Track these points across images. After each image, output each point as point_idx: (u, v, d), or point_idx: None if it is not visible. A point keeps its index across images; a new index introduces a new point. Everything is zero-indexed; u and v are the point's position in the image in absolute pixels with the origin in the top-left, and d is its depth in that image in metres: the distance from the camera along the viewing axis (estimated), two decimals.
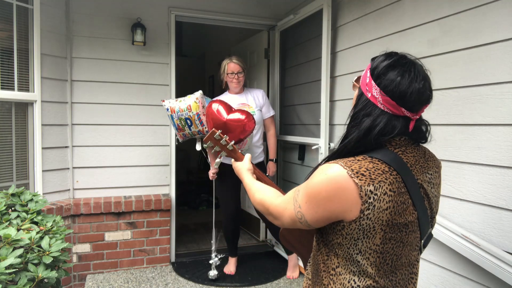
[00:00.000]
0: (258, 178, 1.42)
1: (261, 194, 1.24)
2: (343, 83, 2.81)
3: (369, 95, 1.01)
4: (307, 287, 1.15)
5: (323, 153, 2.89)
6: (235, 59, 3.10)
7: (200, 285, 3.05)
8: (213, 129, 1.50)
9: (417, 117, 1.02)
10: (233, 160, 1.51)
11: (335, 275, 1.02)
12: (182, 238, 4.03)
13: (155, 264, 3.38)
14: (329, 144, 2.89)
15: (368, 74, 1.03)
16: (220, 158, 2.95)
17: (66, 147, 3.17)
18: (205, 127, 2.90)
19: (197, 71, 7.23)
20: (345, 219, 0.95)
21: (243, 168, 1.44)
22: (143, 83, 3.36)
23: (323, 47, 2.85)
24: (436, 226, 1.89)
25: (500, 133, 1.68)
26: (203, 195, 5.62)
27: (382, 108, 0.99)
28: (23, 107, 2.88)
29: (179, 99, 2.96)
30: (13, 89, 2.77)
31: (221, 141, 1.50)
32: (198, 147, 3.10)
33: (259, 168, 3.11)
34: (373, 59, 1.06)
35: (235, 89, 3.14)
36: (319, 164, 1.06)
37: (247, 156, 1.49)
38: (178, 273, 3.25)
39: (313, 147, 3.01)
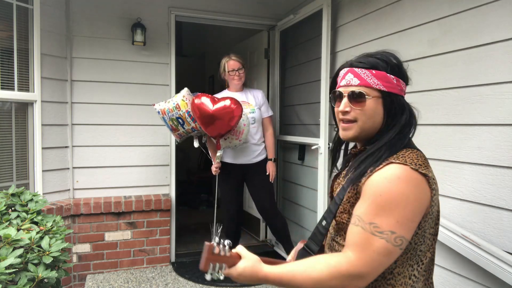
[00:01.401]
0: (269, 264, 1.03)
1: (320, 267, 0.92)
2: None
3: (402, 92, 1.07)
4: None
5: (323, 153, 2.88)
6: (234, 56, 3.11)
7: (200, 285, 3.05)
8: (206, 243, 0.99)
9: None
10: (229, 269, 1.00)
11: (393, 278, 0.98)
12: (182, 238, 4.03)
13: (155, 264, 3.38)
14: (329, 144, 2.89)
15: (391, 76, 1.04)
16: (221, 151, 2.97)
17: (66, 147, 3.17)
18: (198, 124, 2.89)
19: (197, 71, 7.23)
20: (426, 213, 0.96)
21: (255, 263, 0.99)
22: (143, 83, 3.36)
23: (323, 47, 2.85)
24: None
25: (500, 133, 1.68)
26: (203, 195, 5.62)
27: (404, 94, 1.08)
28: (23, 107, 2.87)
29: (168, 100, 2.98)
30: (13, 89, 2.76)
31: (220, 254, 1.00)
32: (196, 144, 3.11)
33: (262, 166, 3.17)
34: (382, 63, 1.05)
35: (237, 86, 3.15)
36: (362, 171, 0.97)
37: (242, 248, 1.04)
38: (178, 273, 3.25)
39: (313, 147, 3.01)
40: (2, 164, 2.75)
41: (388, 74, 1.04)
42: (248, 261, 0.99)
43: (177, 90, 3.43)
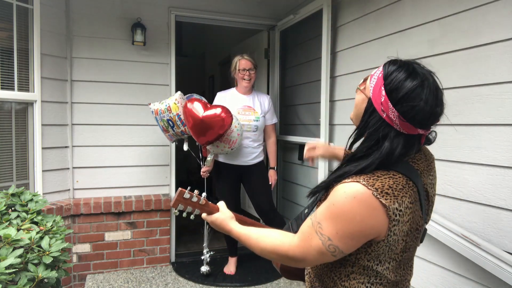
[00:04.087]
0: (241, 222, 1.24)
1: (268, 240, 1.07)
2: (343, 83, 2.81)
3: (384, 115, 0.95)
4: None
5: None
6: (247, 56, 3.09)
7: (200, 285, 3.05)
8: (180, 189, 1.24)
9: (429, 131, 1.01)
10: (204, 214, 1.27)
11: (348, 281, 1.02)
12: (182, 238, 4.03)
13: (155, 264, 3.38)
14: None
15: (383, 92, 0.95)
16: (210, 156, 2.97)
17: (66, 147, 3.17)
18: (187, 127, 2.90)
19: (197, 71, 7.23)
20: (376, 238, 0.94)
21: (226, 218, 1.23)
22: (143, 83, 3.36)
23: (323, 47, 2.85)
24: (436, 226, 1.89)
25: (500, 133, 1.68)
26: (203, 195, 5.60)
27: (398, 129, 0.95)
28: (23, 107, 2.88)
29: (162, 101, 3.01)
30: (13, 89, 2.77)
31: (192, 199, 1.25)
32: (185, 147, 3.13)
33: (259, 167, 3.17)
34: (385, 66, 0.99)
35: (245, 88, 3.11)
36: (332, 182, 1.00)
37: (222, 204, 1.29)
38: (178, 273, 3.25)
39: None
40: (2, 164, 2.75)
41: (382, 88, 0.95)
42: (221, 215, 1.24)
43: (177, 90, 3.44)
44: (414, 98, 0.92)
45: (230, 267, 3.27)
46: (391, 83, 0.94)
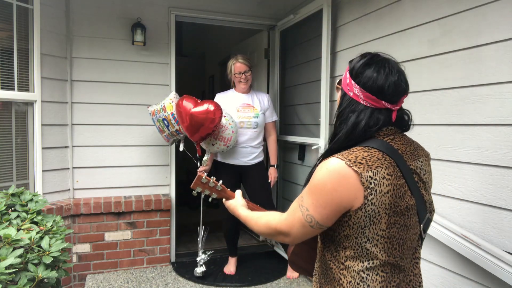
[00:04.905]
0: (253, 210, 1.40)
1: (264, 218, 1.22)
2: None
3: (351, 94, 1.09)
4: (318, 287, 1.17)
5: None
6: (241, 59, 3.07)
7: (200, 285, 3.05)
8: (199, 173, 1.43)
9: (398, 107, 1.09)
10: (224, 200, 1.49)
11: (345, 269, 1.05)
12: (182, 238, 4.03)
13: (155, 264, 3.38)
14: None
15: (347, 75, 1.11)
16: (207, 155, 2.98)
17: (66, 147, 3.17)
18: (181, 126, 2.92)
19: (197, 71, 7.23)
20: (352, 208, 0.99)
21: (238, 205, 1.42)
22: (143, 83, 3.36)
23: (323, 47, 2.85)
24: (436, 226, 1.89)
25: (500, 133, 1.68)
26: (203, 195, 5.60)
27: (364, 103, 1.07)
28: (23, 107, 2.88)
29: (159, 102, 3.06)
30: (13, 89, 2.77)
31: (209, 184, 1.46)
32: (181, 147, 3.14)
33: (259, 167, 3.17)
34: (350, 61, 1.14)
35: (243, 89, 3.13)
36: (315, 165, 1.10)
37: (239, 193, 1.48)
38: (178, 273, 3.25)
39: (313, 147, 3.01)
40: (2, 164, 2.75)
41: (347, 73, 1.12)
42: (234, 202, 1.44)
43: (177, 90, 3.44)
44: (369, 70, 1.07)
45: (230, 267, 3.27)
46: (352, 66, 1.12)
